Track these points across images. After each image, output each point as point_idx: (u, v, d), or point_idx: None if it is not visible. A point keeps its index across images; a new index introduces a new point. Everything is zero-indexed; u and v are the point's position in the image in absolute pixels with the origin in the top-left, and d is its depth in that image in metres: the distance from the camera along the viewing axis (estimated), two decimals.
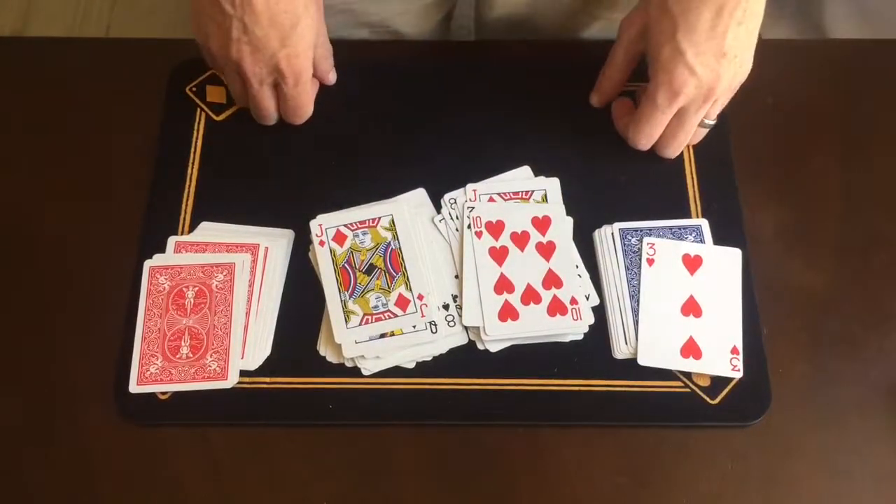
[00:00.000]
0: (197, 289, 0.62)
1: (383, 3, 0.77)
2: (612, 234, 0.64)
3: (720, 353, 0.61)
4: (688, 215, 0.66)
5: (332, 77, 0.71)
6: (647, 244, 0.64)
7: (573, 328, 0.61)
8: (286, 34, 0.61)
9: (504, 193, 0.66)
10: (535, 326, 0.61)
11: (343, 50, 0.76)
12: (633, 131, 0.66)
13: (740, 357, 0.61)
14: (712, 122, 0.66)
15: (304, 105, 0.67)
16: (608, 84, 0.69)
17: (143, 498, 0.58)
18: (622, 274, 0.63)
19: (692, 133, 0.66)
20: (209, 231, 0.65)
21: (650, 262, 0.63)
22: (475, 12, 0.82)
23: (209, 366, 0.60)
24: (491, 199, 0.66)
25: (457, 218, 0.65)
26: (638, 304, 0.62)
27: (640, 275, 0.63)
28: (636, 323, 0.61)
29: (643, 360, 0.60)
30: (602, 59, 0.69)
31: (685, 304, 0.62)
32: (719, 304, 0.62)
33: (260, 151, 0.69)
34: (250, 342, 0.61)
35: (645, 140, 0.66)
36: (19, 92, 0.73)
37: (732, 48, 0.60)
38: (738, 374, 0.60)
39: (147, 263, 0.63)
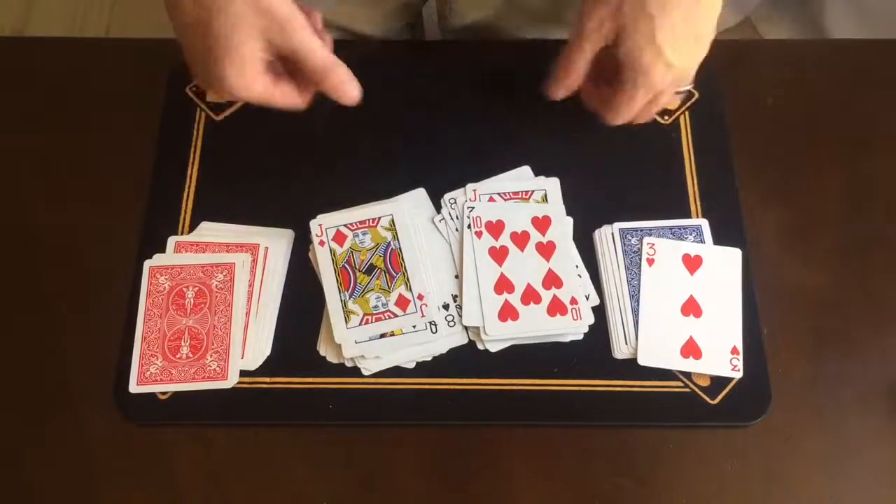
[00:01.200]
0: (197, 289, 0.62)
1: (342, 9, 0.75)
2: (612, 234, 0.64)
3: (720, 353, 0.61)
4: (688, 215, 0.66)
5: (351, 94, 0.62)
6: (647, 244, 0.64)
7: (573, 328, 0.61)
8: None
9: (504, 193, 0.66)
10: (535, 326, 0.61)
11: (342, 49, 0.76)
12: (610, 116, 0.63)
13: (740, 357, 0.61)
14: (686, 89, 0.65)
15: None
16: (575, 79, 0.64)
17: (143, 498, 0.58)
18: (622, 274, 0.63)
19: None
20: (209, 231, 0.65)
21: (650, 262, 0.63)
22: (439, 22, 0.82)
23: (209, 366, 0.60)
24: (491, 199, 0.66)
25: (457, 218, 0.65)
26: (638, 304, 0.62)
27: (640, 275, 0.63)
28: (636, 323, 0.61)
29: (643, 360, 0.60)
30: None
31: (685, 304, 0.62)
32: (719, 304, 0.62)
33: (260, 151, 0.69)
34: (250, 342, 0.61)
35: (621, 121, 0.64)
36: (19, 92, 0.73)
37: (705, 29, 0.59)
38: (738, 374, 0.60)
39: (147, 263, 0.63)
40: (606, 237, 0.64)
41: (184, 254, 0.64)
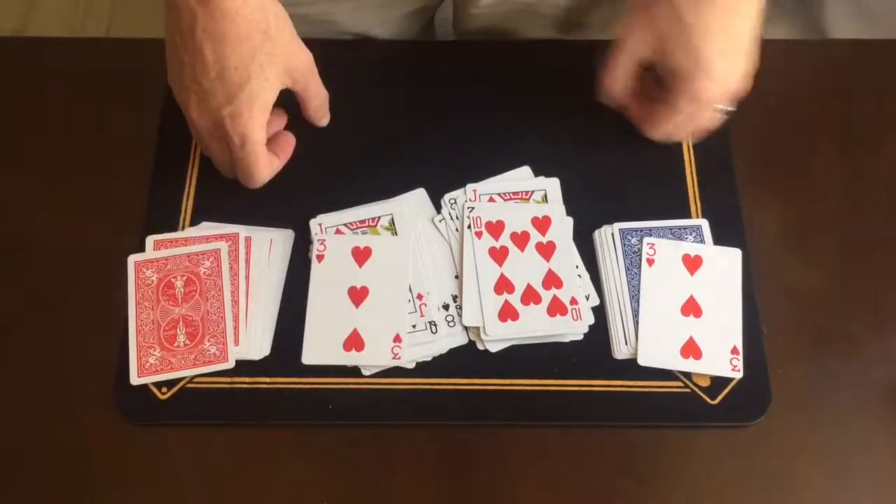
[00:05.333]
0: (185, 277, 0.62)
1: (359, 15, 0.76)
2: (612, 234, 0.64)
3: (720, 353, 0.61)
4: (688, 215, 0.66)
5: (324, 122, 0.69)
6: (647, 244, 0.64)
7: (573, 328, 0.61)
8: (232, 92, 0.58)
9: (504, 193, 0.66)
10: (535, 326, 0.61)
11: (343, 49, 0.76)
12: (650, 128, 0.66)
13: (740, 357, 0.61)
14: (731, 109, 0.64)
15: (253, 170, 0.63)
16: (618, 90, 0.65)
17: (143, 498, 0.58)
18: (622, 274, 0.63)
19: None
20: (210, 231, 0.65)
21: (650, 262, 0.63)
22: (453, 25, 0.82)
23: (208, 350, 0.60)
24: (491, 200, 0.66)
25: (457, 218, 0.65)
26: (638, 304, 0.62)
27: (640, 275, 0.63)
28: (636, 323, 0.61)
29: (643, 361, 0.60)
30: (602, 59, 0.69)
31: (685, 304, 0.62)
32: (719, 304, 0.62)
33: None
34: (250, 331, 0.61)
35: (661, 136, 0.66)
36: (19, 92, 0.73)
37: (745, 45, 0.60)
38: (738, 374, 0.60)
39: (131, 258, 0.63)
40: (606, 237, 0.64)
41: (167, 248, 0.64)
